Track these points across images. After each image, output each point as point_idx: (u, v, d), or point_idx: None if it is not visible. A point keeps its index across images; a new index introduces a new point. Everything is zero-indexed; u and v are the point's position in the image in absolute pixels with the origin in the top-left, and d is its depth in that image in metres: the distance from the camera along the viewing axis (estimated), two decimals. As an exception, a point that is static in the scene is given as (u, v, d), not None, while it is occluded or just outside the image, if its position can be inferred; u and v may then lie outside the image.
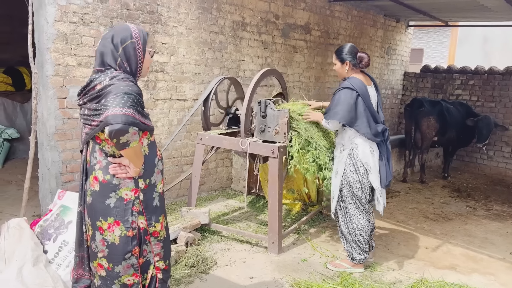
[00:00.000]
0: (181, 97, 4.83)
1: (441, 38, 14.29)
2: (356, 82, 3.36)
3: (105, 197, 2.07)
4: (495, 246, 4.29)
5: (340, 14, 7.02)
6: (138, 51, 2.09)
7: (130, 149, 1.94)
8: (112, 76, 2.01)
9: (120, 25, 2.15)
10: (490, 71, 7.94)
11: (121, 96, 1.91)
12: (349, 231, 3.46)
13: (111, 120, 1.85)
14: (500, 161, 7.82)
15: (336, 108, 3.34)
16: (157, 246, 2.19)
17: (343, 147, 3.47)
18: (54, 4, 3.65)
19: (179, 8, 4.62)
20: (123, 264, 2.09)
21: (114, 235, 2.07)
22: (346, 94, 3.32)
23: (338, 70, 3.51)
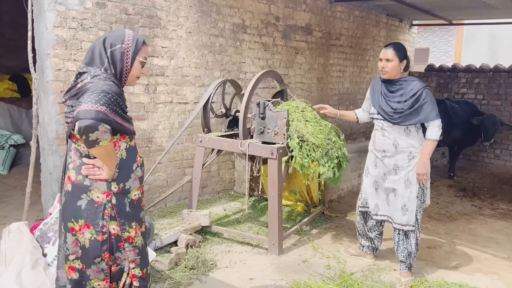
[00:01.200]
0: (182, 100, 4.85)
1: (447, 37, 14.19)
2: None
3: (76, 198, 2.03)
4: (500, 246, 4.24)
5: (341, 15, 7.01)
6: (125, 58, 2.07)
7: (100, 148, 1.89)
8: (94, 75, 1.99)
9: (118, 29, 2.17)
10: (496, 69, 7.86)
11: (97, 93, 1.89)
12: (417, 243, 3.31)
13: (81, 115, 1.81)
14: (507, 159, 7.73)
15: (436, 108, 3.14)
16: (132, 253, 2.13)
17: (411, 154, 3.20)
18: (54, 10, 3.69)
19: (178, 11, 4.65)
20: (92, 268, 2.06)
21: (84, 237, 2.03)
22: (431, 93, 3.20)
23: (394, 67, 3.18)
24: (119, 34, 2.10)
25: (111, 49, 2.05)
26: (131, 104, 4.35)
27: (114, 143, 2.03)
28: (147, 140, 4.57)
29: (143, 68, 2.18)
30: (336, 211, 4.98)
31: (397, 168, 3.25)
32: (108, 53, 2.04)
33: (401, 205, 3.26)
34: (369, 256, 3.69)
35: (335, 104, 7.27)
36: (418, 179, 3.16)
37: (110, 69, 2.05)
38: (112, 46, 2.05)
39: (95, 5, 3.95)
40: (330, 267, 3.54)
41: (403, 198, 3.25)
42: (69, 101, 2.01)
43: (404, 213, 3.25)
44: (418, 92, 3.11)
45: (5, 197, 5.01)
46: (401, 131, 3.21)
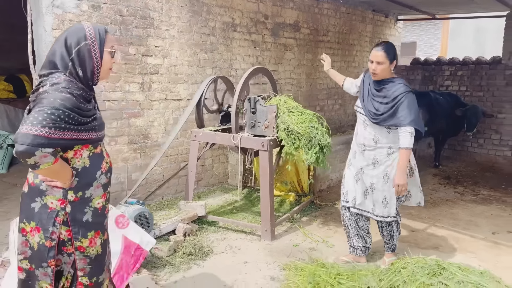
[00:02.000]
0: (176, 97, 5.05)
1: (433, 31, 14.49)
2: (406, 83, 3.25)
3: (31, 200, 1.98)
4: (479, 228, 4.51)
5: (328, 12, 7.23)
6: (94, 53, 1.98)
7: (42, 170, 1.83)
8: (54, 82, 1.90)
9: (75, 25, 2.03)
10: (478, 61, 8.15)
11: (44, 111, 1.80)
12: (398, 227, 3.49)
13: (19, 140, 1.74)
14: (490, 148, 8.03)
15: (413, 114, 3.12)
16: (82, 261, 2.07)
17: (391, 149, 3.28)
18: (51, 14, 3.87)
19: (170, 12, 4.84)
20: (40, 270, 2.02)
21: (34, 240, 1.98)
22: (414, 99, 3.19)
23: (385, 69, 3.18)
24: (79, 30, 1.98)
25: (76, 49, 1.94)
26: (127, 102, 4.55)
27: (75, 152, 1.99)
28: (143, 136, 4.77)
29: (113, 58, 2.09)
30: (325, 200, 5.22)
31: (376, 162, 3.32)
32: (73, 54, 1.94)
33: (382, 198, 3.34)
34: (363, 259, 3.60)
35: (324, 98, 7.51)
36: (397, 190, 3.15)
37: (76, 71, 1.96)
38: (76, 45, 1.95)
39: (91, 7, 4.14)
40: (316, 249, 3.78)
41: (383, 192, 3.32)
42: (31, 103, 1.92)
43: (385, 206, 3.35)
44: (400, 96, 3.12)
45: (6, 194, 5.19)
46: (382, 128, 3.25)
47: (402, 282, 2.85)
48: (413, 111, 3.13)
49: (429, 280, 2.75)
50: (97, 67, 2.00)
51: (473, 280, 2.72)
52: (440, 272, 2.86)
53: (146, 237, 3.33)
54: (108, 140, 4.43)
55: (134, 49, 4.54)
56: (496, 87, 7.88)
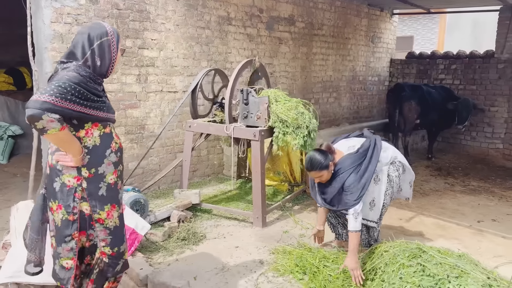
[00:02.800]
0: (172, 89, 5.18)
1: (430, 25, 14.56)
2: (346, 162, 3.22)
3: (52, 181, 2.19)
4: (465, 216, 4.65)
5: (323, 6, 7.33)
6: (113, 48, 2.23)
7: (50, 135, 2.01)
8: (65, 67, 2.14)
9: (95, 22, 2.31)
10: (471, 55, 8.26)
11: (53, 84, 2.01)
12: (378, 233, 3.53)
13: (29, 105, 1.94)
14: (482, 141, 8.17)
15: (359, 192, 3.12)
16: (103, 233, 2.28)
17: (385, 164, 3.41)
18: (50, 7, 3.99)
19: (166, 6, 4.96)
20: (63, 246, 2.22)
21: (58, 217, 2.20)
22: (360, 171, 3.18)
23: (328, 175, 3.20)
24: (101, 27, 2.24)
25: (98, 42, 2.18)
26: (124, 94, 4.68)
27: (87, 131, 2.18)
28: (139, 127, 4.90)
29: (122, 55, 2.41)
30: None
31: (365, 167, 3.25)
32: (94, 46, 2.17)
33: (370, 200, 3.37)
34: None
35: (319, 91, 7.63)
36: (352, 274, 3.00)
37: (95, 61, 2.18)
38: (98, 38, 2.19)
39: (88, 1, 4.25)
40: (305, 236, 3.93)
41: (372, 193, 3.35)
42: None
43: (371, 208, 3.39)
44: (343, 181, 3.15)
45: (7, 183, 5.34)
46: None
47: (384, 264, 2.99)
48: (354, 195, 3.11)
49: (409, 262, 2.90)
50: (113, 61, 2.25)
51: (451, 262, 2.86)
52: (420, 255, 3.00)
53: (141, 222, 3.48)
54: (105, 130, 4.56)
55: (131, 42, 4.66)
56: (489, 80, 8.00)
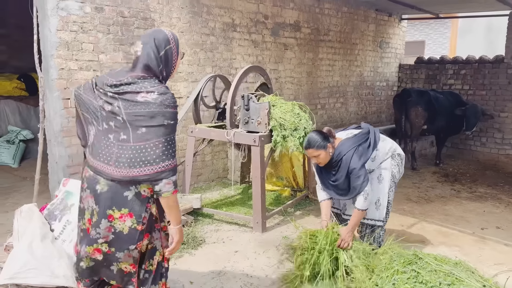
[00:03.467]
0: (176, 95, 5.25)
1: (442, 30, 14.45)
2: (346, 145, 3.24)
3: (124, 189, 2.11)
4: (469, 223, 4.60)
5: (329, 11, 7.36)
6: (174, 55, 2.18)
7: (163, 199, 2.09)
8: (161, 92, 2.06)
9: (156, 29, 2.23)
10: (481, 60, 8.17)
11: (170, 139, 2.05)
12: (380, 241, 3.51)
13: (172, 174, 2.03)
14: (492, 147, 8.06)
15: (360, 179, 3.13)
16: (165, 240, 2.33)
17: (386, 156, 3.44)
18: (56, 16, 4.10)
19: (171, 13, 5.04)
20: (125, 252, 2.18)
21: (124, 225, 2.13)
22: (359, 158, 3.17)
23: (325, 158, 3.20)
24: (164, 34, 2.17)
25: (163, 51, 2.13)
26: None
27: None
28: (144, 132, 4.97)
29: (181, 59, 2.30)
30: (320, 195, 5.36)
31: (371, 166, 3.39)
32: (161, 55, 2.13)
33: (375, 199, 3.41)
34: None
35: (325, 97, 7.64)
36: (340, 242, 3.11)
37: (162, 72, 2.15)
38: (164, 47, 2.13)
39: (94, 9, 4.36)
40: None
41: (377, 193, 3.40)
42: (123, 102, 2.05)
43: (377, 207, 3.43)
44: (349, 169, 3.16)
45: (17, 187, 5.47)
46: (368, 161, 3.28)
47: (380, 269, 2.99)
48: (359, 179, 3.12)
49: (403, 268, 2.89)
50: (173, 68, 2.22)
51: (446, 269, 2.84)
52: (416, 262, 2.99)
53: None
54: (110, 135, 4.65)
55: (135, 49, 4.75)
56: (499, 86, 7.90)
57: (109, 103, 2.09)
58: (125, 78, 2.10)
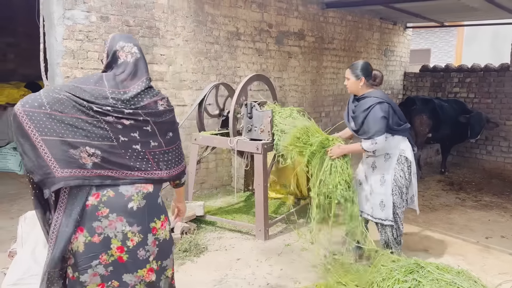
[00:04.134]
0: (180, 103, 5.30)
1: (447, 38, 14.43)
2: (381, 94, 3.47)
3: (157, 196, 2.07)
4: (473, 232, 4.57)
5: (334, 20, 7.39)
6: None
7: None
8: (166, 97, 2.13)
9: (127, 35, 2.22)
10: (486, 68, 8.15)
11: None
12: (398, 234, 3.58)
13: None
14: (498, 155, 8.00)
15: (377, 125, 3.31)
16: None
17: (388, 156, 3.49)
18: (62, 25, 4.17)
19: (175, 22, 5.10)
20: (170, 257, 2.13)
21: (166, 231, 2.08)
22: (381, 108, 3.33)
23: (352, 85, 3.50)
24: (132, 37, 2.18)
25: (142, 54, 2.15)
26: (133, 107, 4.81)
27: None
28: (148, 140, 5.01)
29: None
30: (324, 203, 5.35)
31: (375, 166, 3.54)
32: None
33: (379, 201, 3.51)
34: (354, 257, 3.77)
35: (330, 105, 7.65)
36: (329, 150, 3.55)
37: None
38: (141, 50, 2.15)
39: (99, 18, 4.43)
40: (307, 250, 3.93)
41: (380, 195, 3.50)
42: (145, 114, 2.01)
43: (382, 209, 3.51)
44: (369, 109, 3.35)
45: (22, 193, 5.52)
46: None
47: (381, 278, 2.97)
48: (377, 123, 3.30)
49: (404, 277, 2.87)
50: None
51: (447, 278, 2.82)
52: (417, 271, 2.97)
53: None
54: (114, 143, 4.70)
55: (140, 57, 4.80)
56: (504, 94, 7.87)
57: (128, 118, 1.96)
58: (134, 88, 2.01)
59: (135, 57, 2.06)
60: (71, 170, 1.86)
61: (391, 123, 3.38)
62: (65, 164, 1.86)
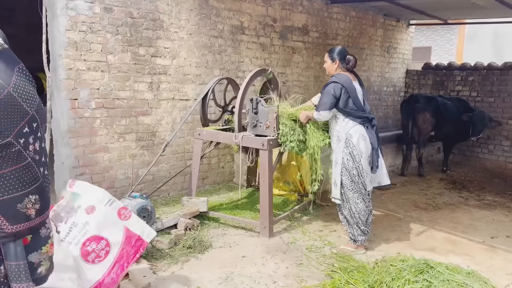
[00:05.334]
0: (184, 97, 5.22)
1: (448, 36, 14.39)
2: (342, 77, 3.83)
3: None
4: (478, 231, 4.54)
5: (338, 16, 7.32)
6: None
7: None
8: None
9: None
10: (489, 67, 8.11)
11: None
12: (351, 215, 3.84)
13: None
14: (500, 154, 7.99)
15: (324, 99, 3.79)
16: None
17: (338, 138, 3.86)
18: (65, 15, 4.08)
19: (179, 15, 5.02)
20: None
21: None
22: (333, 87, 3.76)
23: (328, 67, 3.98)
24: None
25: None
26: (136, 101, 4.74)
27: None
28: (151, 134, 4.95)
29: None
30: (327, 201, 5.28)
31: (332, 150, 3.97)
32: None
33: (333, 180, 3.91)
34: (363, 248, 3.89)
35: (332, 101, 7.58)
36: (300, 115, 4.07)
37: None
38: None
39: (103, 10, 4.33)
40: (312, 247, 3.89)
41: (333, 175, 3.91)
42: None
43: (335, 187, 3.89)
44: (325, 86, 3.84)
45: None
46: (332, 118, 3.90)
47: (390, 278, 2.94)
48: (324, 98, 3.78)
49: (415, 277, 2.83)
50: None
51: (458, 279, 2.79)
52: (427, 271, 2.93)
53: (147, 229, 3.48)
54: (117, 136, 4.62)
55: (144, 50, 4.73)
56: (507, 93, 7.84)
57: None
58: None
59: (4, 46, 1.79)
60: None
61: (341, 105, 3.74)
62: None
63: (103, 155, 4.55)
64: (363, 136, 3.78)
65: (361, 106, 3.84)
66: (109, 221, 3.31)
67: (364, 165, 3.78)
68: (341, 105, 3.76)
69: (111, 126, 4.58)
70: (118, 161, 4.68)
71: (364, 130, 3.81)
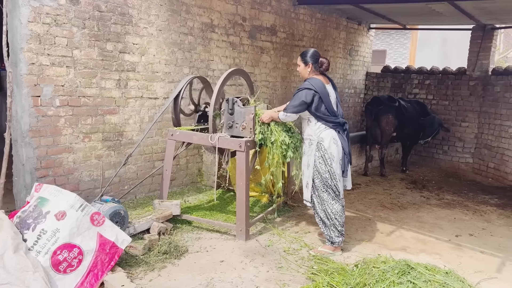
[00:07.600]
0: (152, 96, 5.03)
1: (402, 40, 14.98)
2: (315, 82, 3.85)
3: None
4: (443, 230, 4.72)
5: (304, 17, 7.37)
6: None
7: None
8: None
9: None
10: (444, 71, 8.51)
11: None
12: (327, 217, 3.85)
13: None
14: (453, 155, 8.40)
15: (295, 103, 3.82)
16: None
17: (310, 142, 3.89)
18: (28, 6, 3.79)
19: (149, 10, 4.82)
20: None
21: None
22: (305, 93, 3.79)
23: (301, 70, 4.00)
24: None
25: None
26: (103, 99, 4.49)
27: None
28: (118, 134, 4.72)
29: None
30: (298, 202, 5.31)
31: (304, 153, 3.99)
32: None
33: (305, 183, 3.94)
34: (340, 249, 3.91)
35: (298, 102, 7.63)
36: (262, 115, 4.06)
37: None
38: None
39: (69, 1, 4.07)
40: (289, 250, 3.87)
41: (306, 178, 3.93)
42: None
43: (307, 190, 3.93)
44: (298, 90, 3.87)
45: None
46: (304, 122, 3.96)
47: (374, 280, 2.97)
48: (295, 102, 3.80)
49: (399, 279, 2.88)
50: None
51: (439, 279, 2.87)
52: (409, 272, 2.99)
53: (122, 235, 3.31)
54: (82, 136, 4.37)
55: (112, 46, 4.50)
56: (461, 96, 8.25)
57: None
58: None
59: None
60: None
61: (313, 108, 3.78)
62: None
63: (67, 156, 4.28)
64: (334, 140, 3.84)
65: (333, 112, 3.89)
66: (81, 227, 3.11)
67: (335, 169, 3.82)
68: (313, 109, 3.80)
69: (76, 125, 4.31)
70: (83, 162, 4.42)
71: (336, 134, 3.86)
